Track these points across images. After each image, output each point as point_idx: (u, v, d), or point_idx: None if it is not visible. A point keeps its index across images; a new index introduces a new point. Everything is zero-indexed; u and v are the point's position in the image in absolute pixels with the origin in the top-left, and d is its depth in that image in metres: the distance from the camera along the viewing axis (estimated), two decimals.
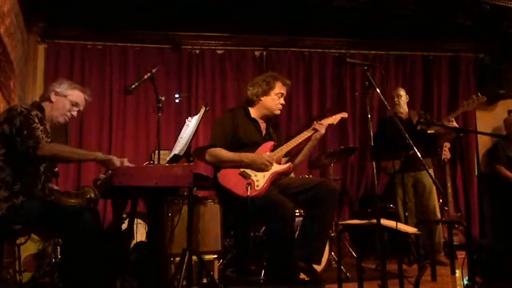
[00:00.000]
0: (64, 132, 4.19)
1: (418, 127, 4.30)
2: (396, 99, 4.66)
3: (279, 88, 3.31)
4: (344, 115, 3.45)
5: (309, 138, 3.28)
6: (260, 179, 3.05)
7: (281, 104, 3.35)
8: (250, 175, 3.07)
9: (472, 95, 4.49)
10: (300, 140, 3.26)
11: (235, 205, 3.10)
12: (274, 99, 3.31)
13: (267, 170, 3.11)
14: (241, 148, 3.21)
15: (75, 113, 2.83)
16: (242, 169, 3.11)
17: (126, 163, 2.56)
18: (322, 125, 3.24)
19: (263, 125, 3.38)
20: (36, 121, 2.55)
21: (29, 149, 2.46)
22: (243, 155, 3.16)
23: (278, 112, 3.37)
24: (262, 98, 3.32)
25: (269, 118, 3.42)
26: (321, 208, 3.03)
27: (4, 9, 3.61)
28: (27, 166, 2.56)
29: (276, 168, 3.15)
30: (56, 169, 2.98)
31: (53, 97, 2.76)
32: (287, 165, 3.23)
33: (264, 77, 3.38)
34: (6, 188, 2.49)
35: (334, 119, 3.39)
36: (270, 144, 3.27)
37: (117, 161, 2.54)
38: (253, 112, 3.36)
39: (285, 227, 2.90)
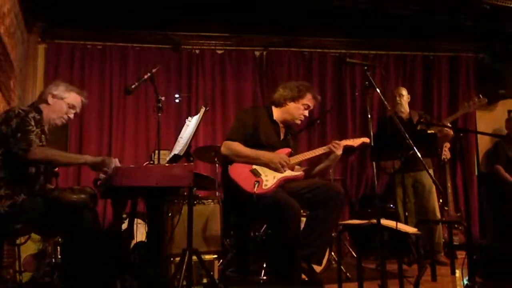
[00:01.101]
0: (64, 132, 4.21)
1: (418, 127, 4.30)
2: (397, 99, 4.64)
3: (308, 100, 3.32)
4: (366, 140, 3.33)
5: (327, 154, 3.26)
6: (270, 180, 3.05)
7: (304, 115, 3.35)
8: (261, 174, 3.08)
9: (473, 97, 4.47)
10: (315, 155, 3.26)
11: (240, 201, 3.10)
12: (299, 108, 3.32)
13: (281, 172, 3.12)
14: (257, 148, 3.21)
15: (71, 115, 2.85)
16: (254, 167, 3.12)
17: (117, 163, 2.58)
18: (338, 146, 3.21)
19: (282, 130, 3.40)
20: (32, 123, 2.56)
21: (20, 152, 2.47)
22: (261, 153, 3.16)
23: (299, 122, 3.39)
24: (289, 103, 3.32)
25: (289, 125, 3.43)
26: (325, 210, 3.03)
27: (4, 9, 3.62)
28: (26, 166, 2.57)
29: (287, 173, 3.17)
30: (56, 169, 2.98)
31: (50, 100, 2.76)
32: (299, 173, 3.24)
33: (299, 84, 3.39)
34: (7, 187, 2.50)
35: (355, 142, 3.33)
36: (287, 150, 3.29)
37: (109, 160, 2.55)
38: (276, 114, 3.37)
39: (290, 227, 2.90)
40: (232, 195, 3.23)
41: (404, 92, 4.69)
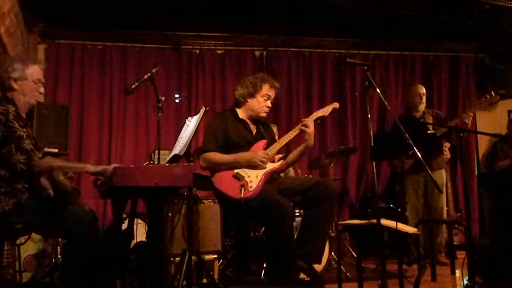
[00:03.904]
0: (64, 132, 4.20)
1: (430, 128, 4.27)
2: (423, 98, 4.60)
3: (266, 90, 3.27)
4: (336, 105, 3.37)
5: (303, 136, 3.25)
6: (254, 180, 3.02)
7: (267, 106, 3.30)
8: (244, 177, 3.04)
9: (485, 94, 4.40)
10: (289, 139, 3.22)
11: (232, 208, 3.10)
12: (260, 102, 3.27)
13: (263, 168, 3.10)
14: (234, 149, 3.18)
15: (42, 89, 2.72)
16: (236, 171, 3.08)
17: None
18: (308, 124, 3.18)
19: (252, 125, 3.36)
20: (17, 126, 2.48)
21: (20, 165, 2.44)
22: (238, 155, 3.13)
23: (264, 115, 3.33)
24: (249, 100, 3.28)
25: (258, 119, 3.40)
26: (320, 208, 3.02)
27: (4, 9, 3.62)
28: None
29: (269, 166, 3.13)
30: (70, 173, 2.97)
31: (14, 85, 2.61)
32: (280, 162, 3.21)
33: (252, 78, 3.32)
34: (8, 186, 2.49)
35: (325, 111, 3.32)
36: (263, 142, 3.25)
37: (110, 169, 2.53)
38: (241, 113, 3.33)
39: (284, 226, 2.89)
40: (223, 204, 3.23)
41: (425, 90, 4.68)
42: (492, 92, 4.26)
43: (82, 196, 4.95)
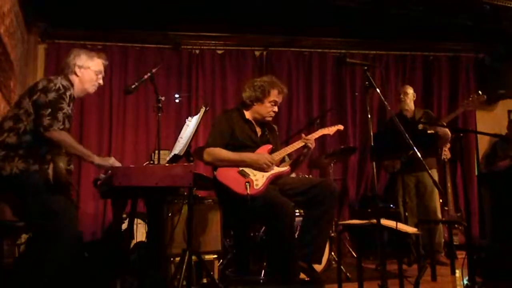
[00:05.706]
0: None
1: (420, 126, 4.28)
2: (401, 96, 4.62)
3: (274, 96, 3.30)
4: (340, 127, 3.48)
5: (304, 147, 3.27)
6: (260, 179, 3.05)
7: (274, 111, 3.34)
8: (249, 174, 3.08)
9: (472, 94, 4.44)
10: (294, 149, 3.29)
11: (234, 204, 3.10)
12: (267, 107, 3.31)
13: (267, 171, 3.12)
14: (238, 149, 3.21)
15: (101, 81, 2.89)
16: (241, 168, 3.12)
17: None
18: (311, 139, 3.23)
19: (258, 127, 3.39)
20: (67, 100, 2.60)
21: (40, 127, 2.51)
22: (244, 154, 3.16)
23: (269, 119, 3.37)
24: (256, 104, 3.32)
25: (264, 122, 3.42)
26: (321, 208, 3.03)
27: (4, 9, 3.62)
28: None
29: (276, 170, 3.17)
30: (71, 166, 2.97)
31: (78, 72, 2.79)
32: (286, 168, 3.25)
33: (262, 82, 3.34)
34: (25, 151, 2.51)
35: (330, 131, 3.41)
36: (269, 147, 3.29)
37: (116, 163, 2.56)
38: (247, 114, 3.37)
39: (285, 226, 2.90)
40: (225, 199, 3.23)
41: (409, 90, 4.66)
42: (480, 92, 4.28)
43: (82, 196, 4.96)
